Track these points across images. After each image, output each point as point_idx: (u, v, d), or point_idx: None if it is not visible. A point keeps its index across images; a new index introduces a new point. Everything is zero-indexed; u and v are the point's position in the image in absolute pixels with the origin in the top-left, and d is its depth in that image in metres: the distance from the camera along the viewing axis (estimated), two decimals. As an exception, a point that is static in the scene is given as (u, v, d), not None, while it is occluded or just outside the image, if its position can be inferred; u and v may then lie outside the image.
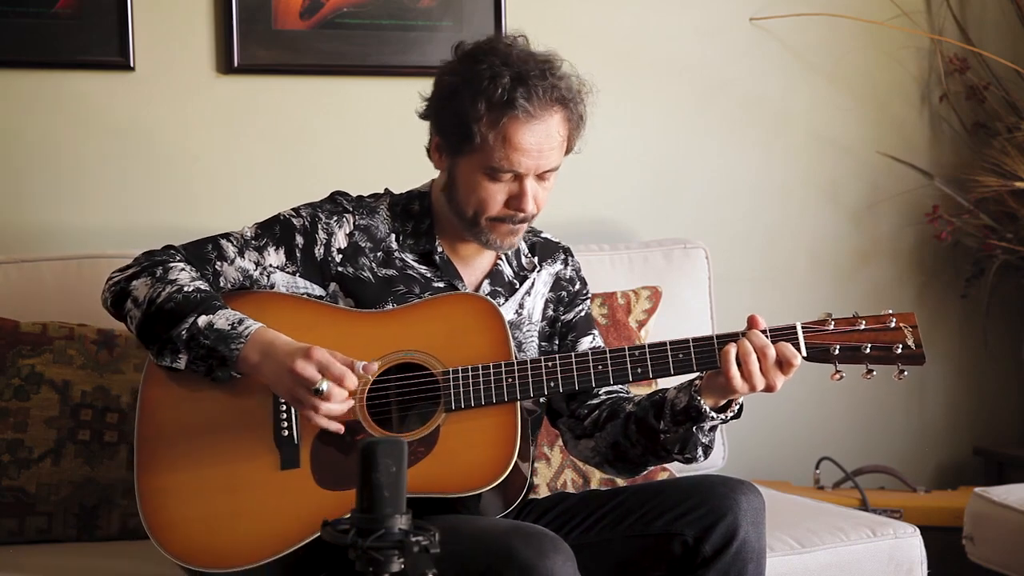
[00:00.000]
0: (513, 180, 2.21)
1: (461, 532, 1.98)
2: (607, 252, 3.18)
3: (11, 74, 3.00)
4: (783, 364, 2.08)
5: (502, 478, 2.08)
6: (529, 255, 2.42)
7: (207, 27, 3.10)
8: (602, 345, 2.45)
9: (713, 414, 2.14)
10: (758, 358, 2.07)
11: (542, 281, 2.42)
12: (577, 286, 2.47)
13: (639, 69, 3.43)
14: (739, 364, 2.07)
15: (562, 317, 2.43)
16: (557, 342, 2.42)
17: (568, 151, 2.28)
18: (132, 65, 3.04)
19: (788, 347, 2.08)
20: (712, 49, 3.49)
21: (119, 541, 2.60)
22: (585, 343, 2.42)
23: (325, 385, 2.04)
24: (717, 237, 3.43)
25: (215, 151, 3.14)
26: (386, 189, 2.40)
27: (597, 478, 2.84)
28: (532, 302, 2.39)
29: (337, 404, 2.06)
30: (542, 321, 2.40)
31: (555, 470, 2.83)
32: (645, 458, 2.27)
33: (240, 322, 2.12)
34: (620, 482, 2.76)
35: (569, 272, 2.47)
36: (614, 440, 2.27)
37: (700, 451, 2.21)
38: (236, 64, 3.09)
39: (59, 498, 2.60)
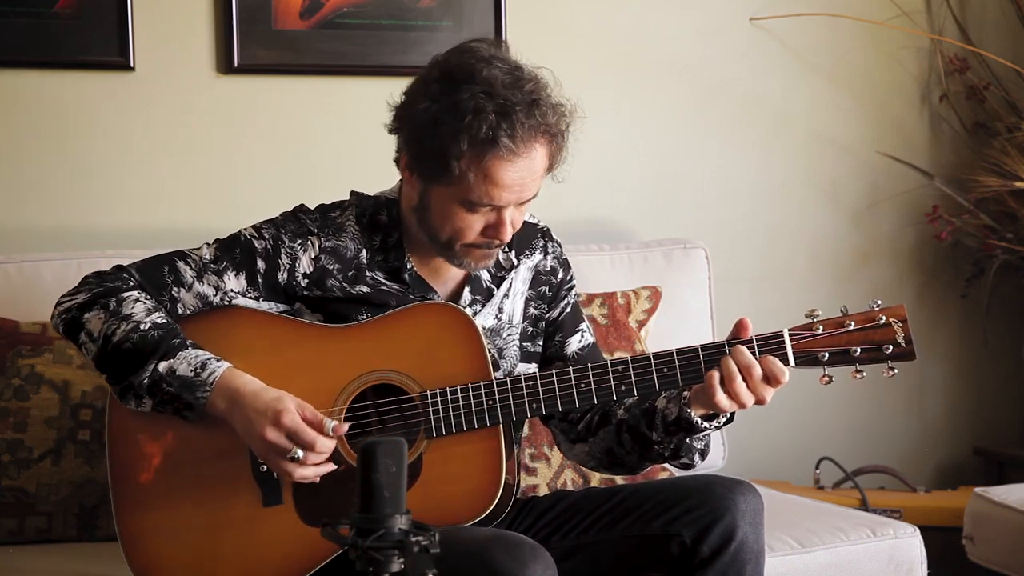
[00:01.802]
0: (491, 210, 2.08)
1: (443, 539, 1.96)
2: (607, 252, 3.17)
3: (11, 74, 2.99)
4: (770, 379, 2.03)
5: (490, 509, 2.05)
6: (506, 250, 2.26)
7: (207, 27, 3.10)
8: (592, 340, 2.36)
9: (705, 424, 2.11)
10: (744, 377, 2.02)
11: (520, 279, 2.29)
12: (560, 275, 2.34)
13: (639, 69, 3.43)
14: (724, 386, 2.02)
15: (547, 316, 2.33)
16: (542, 343, 2.33)
17: (548, 173, 2.15)
18: (132, 65, 3.04)
19: (775, 363, 2.02)
20: (712, 49, 3.49)
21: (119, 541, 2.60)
22: (573, 343, 2.33)
23: (300, 453, 2.00)
24: (717, 237, 3.42)
25: (215, 151, 3.13)
26: (352, 193, 2.27)
27: (597, 478, 2.84)
28: (511, 304, 2.28)
29: (312, 470, 2.02)
30: (524, 321, 2.30)
31: (555, 470, 2.82)
32: (642, 463, 2.25)
33: (203, 366, 2.04)
34: (620, 480, 2.76)
35: (549, 262, 2.33)
36: (608, 447, 2.25)
37: (696, 455, 2.20)
38: (236, 64, 3.09)
39: (59, 498, 2.60)
